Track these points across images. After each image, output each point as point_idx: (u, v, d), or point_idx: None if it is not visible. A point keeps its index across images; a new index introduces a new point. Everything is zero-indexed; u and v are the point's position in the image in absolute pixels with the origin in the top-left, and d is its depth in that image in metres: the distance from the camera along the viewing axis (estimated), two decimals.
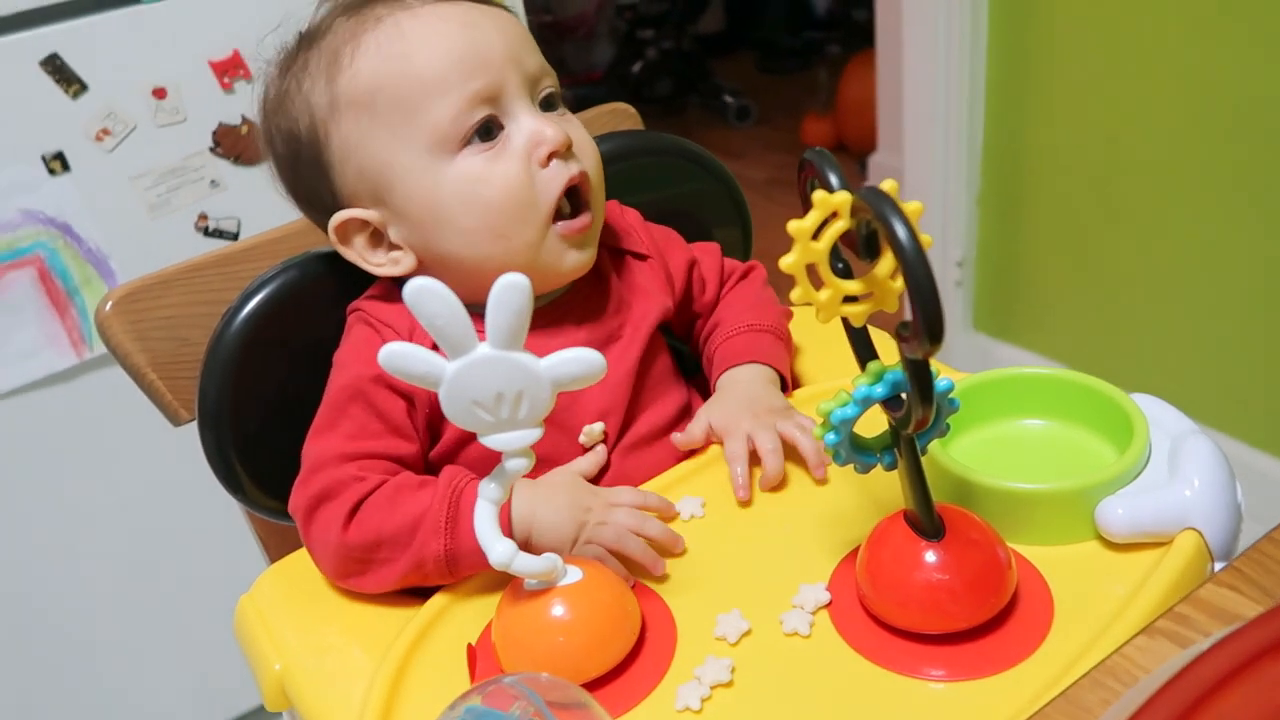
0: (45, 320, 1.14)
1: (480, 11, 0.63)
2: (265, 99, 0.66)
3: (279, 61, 0.66)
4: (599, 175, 0.66)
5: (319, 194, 0.65)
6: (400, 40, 0.61)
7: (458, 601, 0.59)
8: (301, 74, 0.63)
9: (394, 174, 0.62)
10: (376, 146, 0.62)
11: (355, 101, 0.61)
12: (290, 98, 0.64)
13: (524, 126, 0.62)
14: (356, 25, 0.62)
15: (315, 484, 0.61)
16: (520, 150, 0.61)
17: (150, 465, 1.22)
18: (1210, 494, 0.52)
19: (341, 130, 0.62)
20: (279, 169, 0.67)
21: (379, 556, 0.59)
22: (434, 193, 0.62)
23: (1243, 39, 1.25)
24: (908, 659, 0.50)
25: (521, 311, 0.46)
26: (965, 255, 1.75)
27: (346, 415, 0.62)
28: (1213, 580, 0.40)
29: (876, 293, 0.46)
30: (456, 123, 0.60)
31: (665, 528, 0.59)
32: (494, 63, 0.61)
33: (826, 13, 3.59)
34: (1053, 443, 0.61)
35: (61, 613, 1.25)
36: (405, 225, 0.64)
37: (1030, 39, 1.51)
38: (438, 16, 0.61)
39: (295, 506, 0.62)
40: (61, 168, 1.12)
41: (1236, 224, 1.35)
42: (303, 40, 0.64)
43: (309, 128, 0.63)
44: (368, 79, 0.61)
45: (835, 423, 0.49)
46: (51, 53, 1.09)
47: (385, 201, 0.63)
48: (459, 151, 0.61)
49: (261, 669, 0.58)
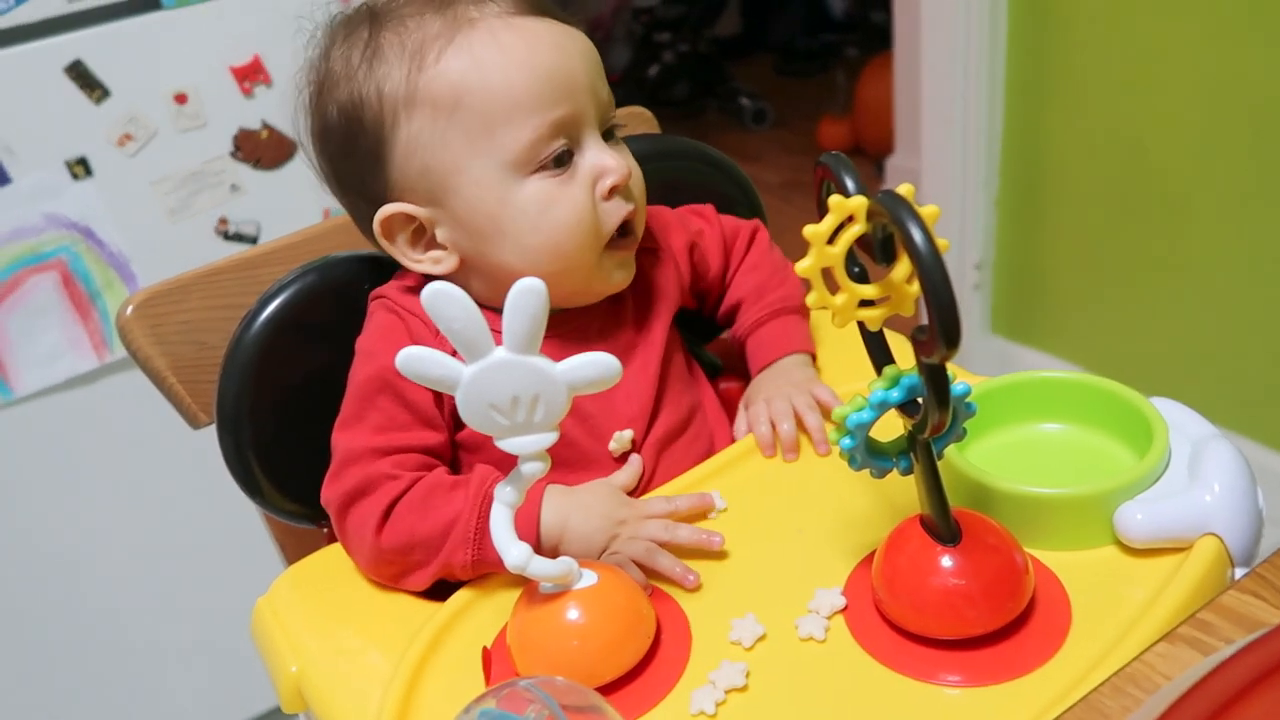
0: (68, 323, 1.16)
1: (566, 34, 0.62)
2: (318, 69, 0.64)
3: (338, 31, 0.63)
4: (643, 199, 0.67)
5: (366, 181, 0.64)
6: (495, 50, 0.59)
7: (474, 604, 0.59)
8: (374, 56, 0.61)
9: (461, 180, 0.61)
10: (448, 150, 0.61)
11: (436, 101, 0.60)
12: (355, 77, 0.61)
13: (591, 158, 0.62)
14: (449, 22, 0.60)
15: (348, 479, 0.61)
16: (587, 180, 0.62)
17: (170, 468, 1.23)
18: (1231, 499, 0.52)
19: (413, 125, 0.61)
20: (322, 145, 0.65)
21: (412, 559, 0.59)
22: (500, 207, 0.61)
23: (1263, 41, 1.24)
24: (924, 664, 0.50)
25: (538, 316, 0.46)
26: (983, 258, 1.74)
27: (374, 406, 0.62)
28: (1235, 587, 0.40)
29: (893, 297, 0.46)
30: (535, 147, 0.60)
31: (695, 531, 0.59)
32: (577, 91, 0.61)
33: (844, 15, 3.57)
34: (1071, 447, 0.60)
35: (81, 613, 1.26)
36: (458, 230, 0.63)
37: (1049, 41, 1.50)
38: (532, 33, 0.60)
39: (328, 501, 0.62)
40: (84, 172, 1.13)
41: (1256, 226, 1.33)
42: (373, 18, 0.62)
43: (375, 114, 0.61)
44: (455, 81, 0.59)
45: (851, 427, 0.49)
46: (75, 59, 1.10)
47: (442, 203, 0.63)
48: (531, 174, 0.61)
49: (278, 671, 0.59)
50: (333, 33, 0.64)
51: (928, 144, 1.74)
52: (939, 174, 1.72)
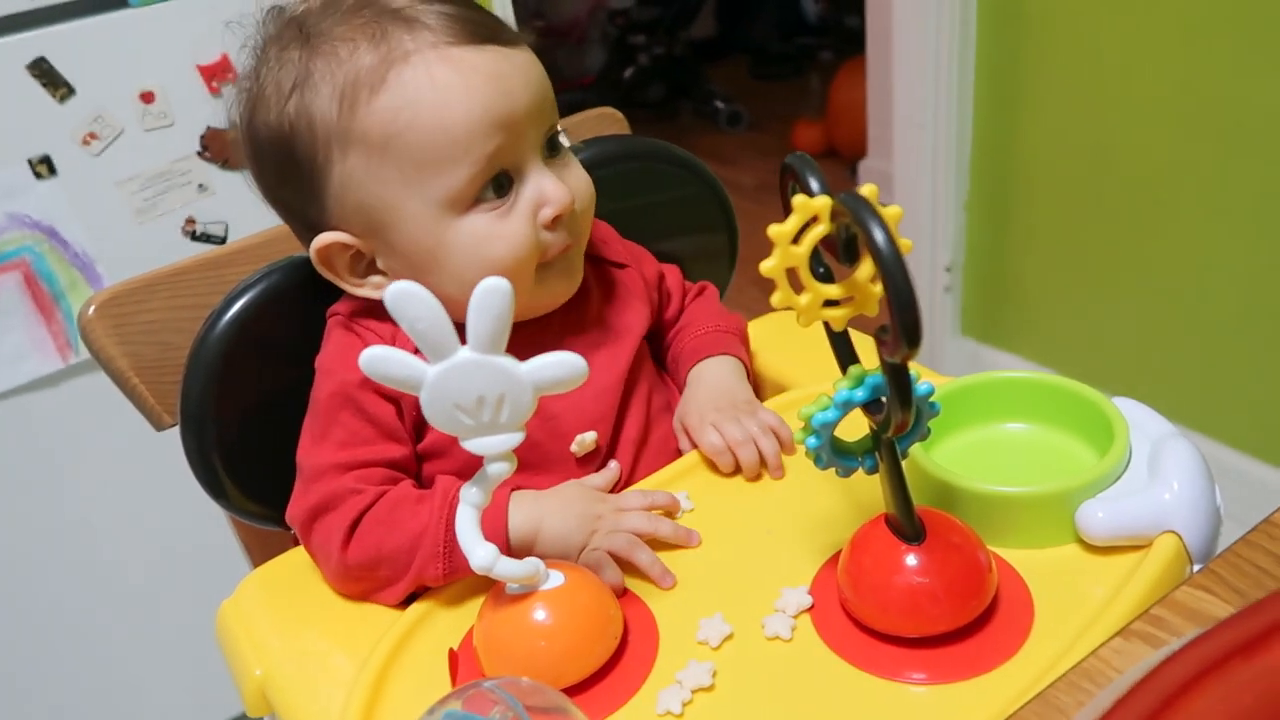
0: (31, 325, 1.14)
1: (505, 61, 0.60)
2: (249, 86, 0.62)
3: (269, 47, 0.61)
4: (590, 204, 0.66)
5: (302, 208, 0.63)
6: (428, 88, 0.57)
7: (440, 606, 0.59)
8: (304, 84, 0.59)
9: (397, 217, 0.60)
10: (383, 189, 0.59)
11: (369, 141, 0.58)
12: (287, 104, 0.59)
13: (532, 185, 0.61)
14: (382, 56, 0.57)
15: (313, 495, 0.60)
16: (527, 210, 0.61)
17: (137, 470, 1.22)
18: (1189, 497, 0.52)
19: (347, 163, 0.59)
20: (256, 166, 0.64)
21: (379, 575, 0.59)
22: (437, 243, 0.61)
23: (1231, 46, 1.26)
24: (889, 662, 0.50)
25: (502, 315, 0.46)
26: (954, 260, 1.76)
27: (337, 423, 0.62)
28: (1188, 583, 0.40)
29: (857, 297, 0.46)
30: (471, 185, 0.59)
31: (677, 526, 0.59)
32: (517, 121, 0.59)
33: (818, 19, 3.60)
34: (1034, 446, 0.61)
35: (49, 616, 1.24)
36: (397, 260, 0.63)
37: (1019, 45, 1.52)
38: (469, 66, 0.58)
39: (294, 517, 0.62)
40: (48, 171, 1.12)
41: (1220, 228, 1.35)
42: (304, 38, 0.60)
43: (307, 146, 0.60)
44: (387, 121, 0.58)
45: (816, 426, 0.49)
46: (39, 56, 1.09)
47: (379, 236, 0.62)
48: (469, 210, 0.60)
49: (242, 674, 0.58)
50: (264, 48, 0.62)
51: (899, 147, 1.76)
52: (910, 177, 1.74)
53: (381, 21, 0.58)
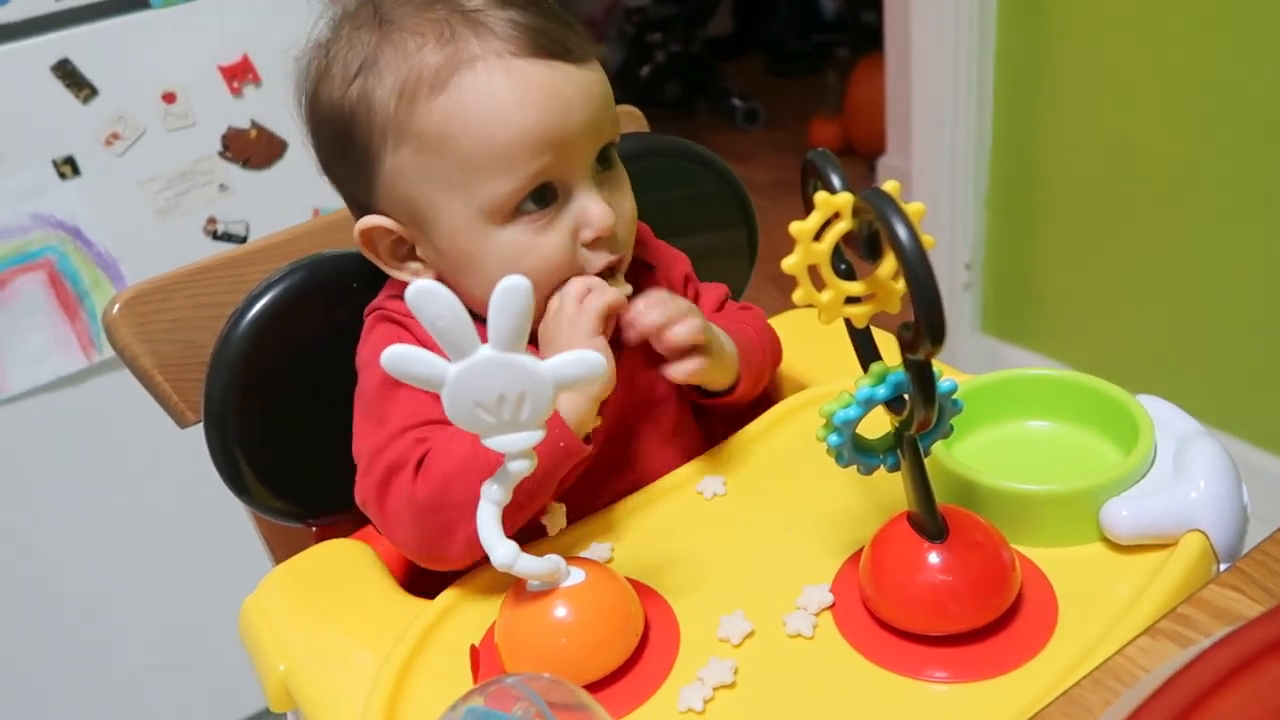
0: (55, 323, 1.15)
1: (567, 78, 0.59)
2: (318, 58, 0.62)
3: (342, 24, 0.61)
4: (633, 221, 0.65)
5: (354, 185, 0.64)
6: (486, 98, 0.57)
7: (461, 602, 0.59)
8: (369, 70, 0.59)
9: (439, 216, 0.61)
10: (429, 187, 0.60)
11: (423, 138, 0.59)
12: (350, 86, 0.60)
13: (577, 204, 0.61)
14: (447, 58, 0.58)
15: (381, 463, 0.59)
16: (567, 228, 0.61)
17: (160, 467, 1.23)
18: (1216, 495, 0.52)
19: (399, 156, 0.60)
20: (315, 137, 0.64)
21: (449, 501, 0.57)
22: (475, 248, 0.61)
23: (1252, 42, 1.25)
24: (911, 660, 0.50)
25: (523, 313, 0.46)
26: (973, 258, 1.75)
27: (394, 403, 0.61)
28: (1215, 581, 0.40)
29: (879, 294, 0.46)
30: (513, 197, 0.59)
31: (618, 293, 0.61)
32: (569, 140, 0.59)
33: (835, 16, 3.58)
34: (1058, 444, 0.60)
35: (71, 612, 1.26)
36: (436, 255, 0.63)
37: (1038, 41, 1.51)
38: (529, 81, 0.58)
39: (365, 495, 0.60)
40: (72, 172, 1.13)
41: (1244, 225, 1.34)
42: (379, 21, 0.60)
43: (364, 131, 0.60)
44: (441, 124, 0.58)
45: (838, 424, 0.49)
46: (62, 58, 1.10)
47: (422, 228, 0.62)
48: (510, 221, 0.60)
49: (266, 670, 0.58)
50: (339, 23, 0.62)
51: (918, 144, 1.75)
52: (929, 174, 1.73)
53: (453, 21, 0.58)
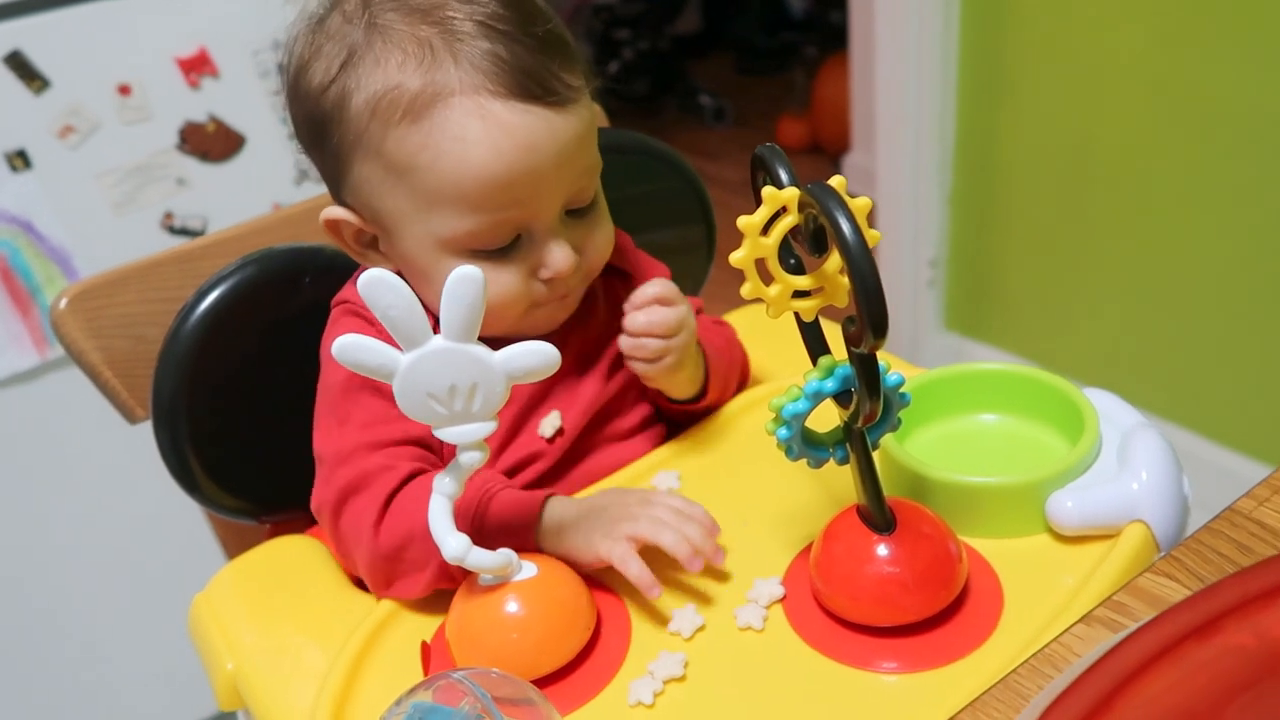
0: (7, 319, 1.13)
1: (547, 124, 0.57)
2: (303, 45, 0.60)
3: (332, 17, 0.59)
4: (605, 254, 0.64)
5: (327, 176, 0.63)
6: (456, 140, 0.56)
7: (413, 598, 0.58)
8: (350, 71, 0.57)
9: (401, 232, 0.60)
10: (392, 205, 0.59)
11: (391, 161, 0.58)
12: (329, 88, 0.58)
13: (540, 246, 0.60)
14: (425, 86, 0.56)
15: (343, 476, 0.59)
16: (525, 266, 0.60)
17: (114, 464, 1.21)
18: (1158, 486, 0.53)
19: (366, 168, 0.59)
20: (293, 120, 0.63)
21: (408, 557, 0.57)
22: (429, 268, 0.60)
23: (1213, 41, 1.27)
24: (860, 652, 0.51)
25: (475, 304, 0.46)
26: (937, 255, 1.76)
27: (357, 405, 0.61)
28: (1150, 570, 0.41)
29: (826, 287, 0.47)
30: (471, 239, 0.58)
31: (706, 533, 0.55)
32: (538, 194, 0.58)
33: (803, 14, 3.60)
34: (1006, 437, 0.61)
35: (25, 612, 1.24)
36: (394, 255, 0.62)
37: (1001, 40, 1.52)
38: (503, 128, 0.56)
39: (320, 504, 0.60)
40: (24, 165, 1.11)
41: (1202, 223, 1.36)
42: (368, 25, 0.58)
43: (338, 134, 0.59)
44: (411, 153, 0.57)
45: (787, 417, 0.49)
46: (14, 49, 1.08)
47: (383, 231, 0.62)
48: (466, 254, 0.59)
49: (214, 668, 0.58)
50: (332, 8, 0.60)
51: (882, 142, 1.76)
52: (893, 171, 1.74)
53: (436, 45, 0.56)
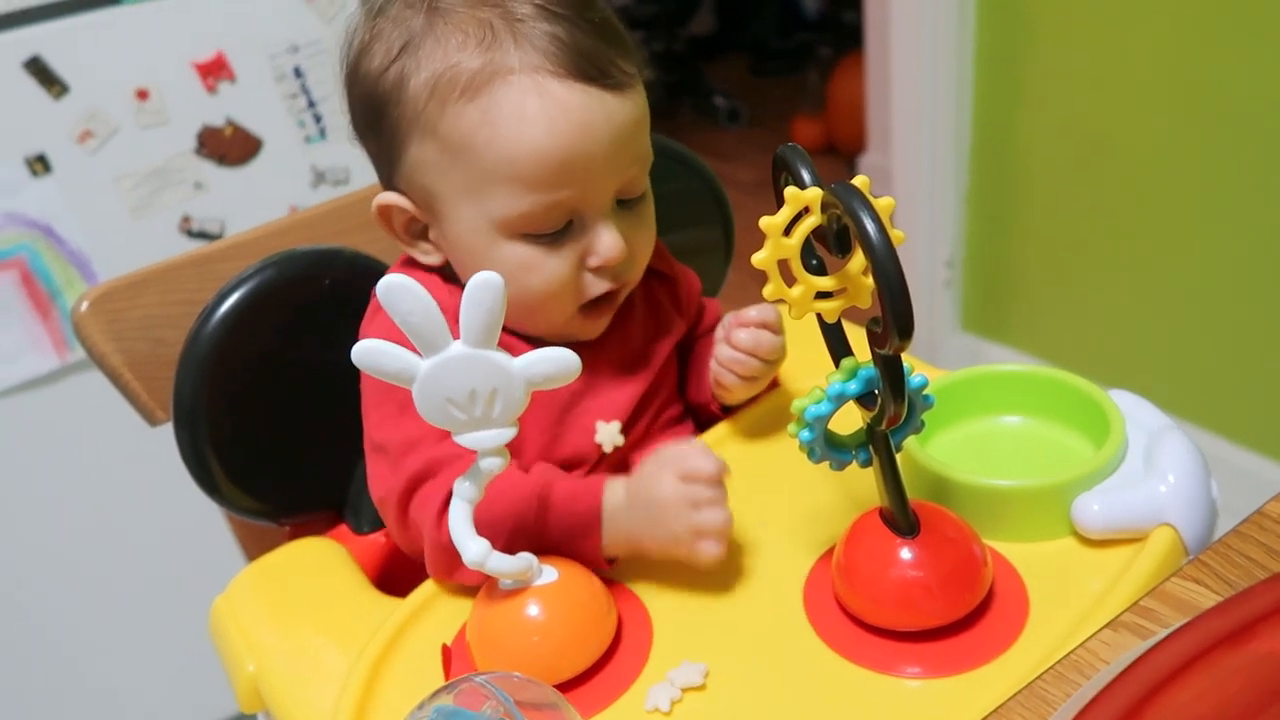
0: (28, 322, 1.14)
1: (603, 106, 0.57)
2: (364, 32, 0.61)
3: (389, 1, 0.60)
4: (648, 251, 0.65)
5: (380, 161, 0.63)
6: (514, 117, 0.56)
7: (434, 601, 0.58)
8: (409, 58, 0.58)
9: (452, 214, 0.60)
10: (447, 186, 0.59)
11: (448, 140, 0.58)
12: (388, 70, 0.59)
13: (591, 231, 0.60)
14: (484, 65, 0.56)
15: (412, 463, 0.58)
16: (575, 252, 0.60)
17: (133, 466, 1.22)
18: (1185, 489, 0.52)
19: (423, 149, 0.59)
20: (350, 105, 0.63)
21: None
22: (482, 253, 0.60)
23: (1231, 38, 1.26)
24: (884, 657, 0.50)
25: (494, 310, 0.46)
26: (954, 255, 1.75)
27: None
28: (1178, 574, 0.40)
29: (849, 288, 0.46)
30: (525, 220, 0.58)
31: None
32: (592, 174, 0.58)
33: (817, 15, 3.59)
34: (1030, 439, 0.60)
35: (44, 613, 1.24)
36: (445, 242, 0.62)
37: (1017, 39, 1.51)
38: (560, 106, 0.56)
39: (388, 493, 0.59)
40: (44, 169, 1.12)
41: (1222, 221, 1.35)
42: (429, 8, 0.58)
43: (395, 116, 0.59)
44: (466, 132, 0.57)
45: (809, 419, 0.49)
46: (33, 55, 1.08)
47: (435, 217, 0.62)
48: (519, 237, 0.59)
49: (235, 670, 0.58)
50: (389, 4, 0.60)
51: (898, 142, 1.75)
52: (910, 172, 1.73)
53: (497, 26, 0.57)
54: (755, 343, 0.65)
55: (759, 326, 0.65)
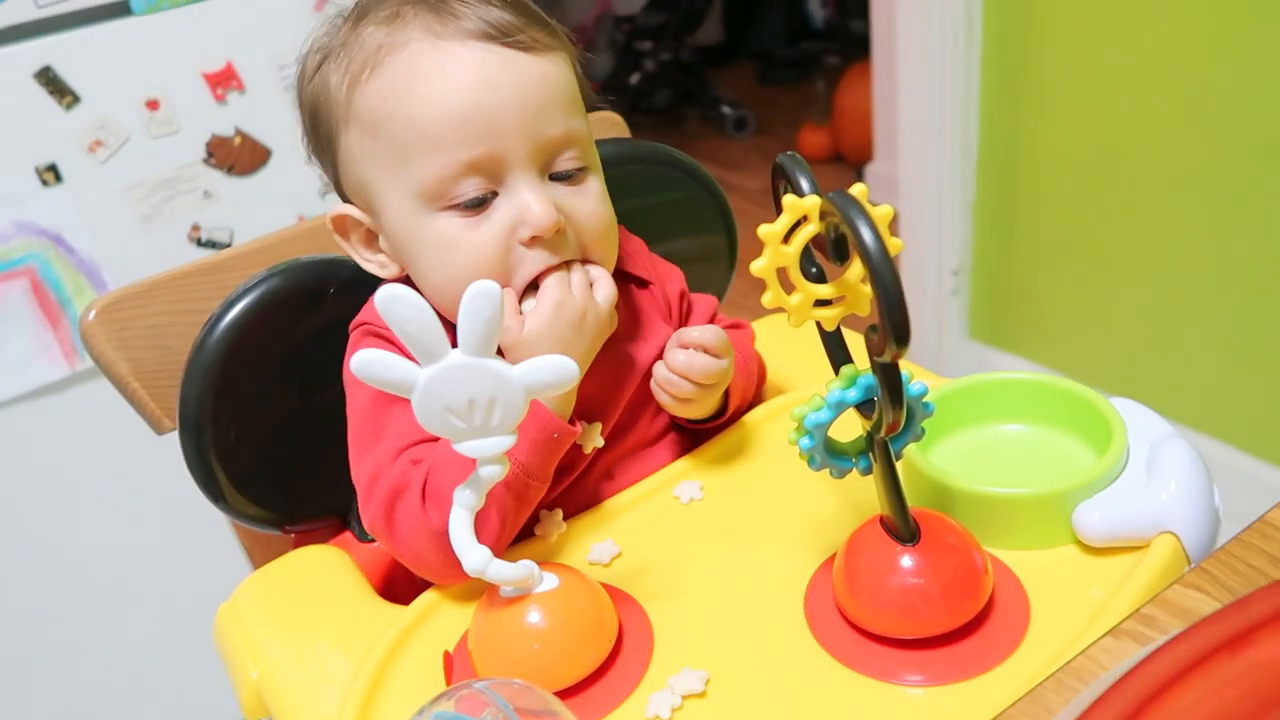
0: (37, 331, 1.15)
1: (504, 66, 0.57)
2: (307, 54, 0.63)
3: (332, 21, 0.62)
4: (607, 241, 0.63)
5: (329, 174, 0.65)
6: (414, 79, 0.57)
7: (436, 608, 0.59)
8: (333, 55, 0.60)
9: (383, 202, 0.61)
10: (373, 170, 0.60)
11: (363, 120, 0.59)
12: (317, 72, 0.61)
13: (515, 200, 0.58)
14: (386, 38, 0.58)
15: (382, 488, 0.59)
16: (502, 225, 0.59)
17: (140, 474, 1.22)
18: (1187, 497, 0.52)
19: (349, 137, 0.61)
20: (302, 129, 0.66)
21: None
22: (412, 237, 0.60)
23: (1237, 49, 1.26)
24: (885, 665, 0.50)
25: (492, 319, 0.46)
26: (960, 264, 1.75)
27: (389, 419, 0.61)
28: (1180, 581, 0.40)
29: (848, 296, 0.46)
30: (442, 184, 0.58)
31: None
32: (499, 132, 0.57)
33: (824, 24, 3.60)
34: (1032, 447, 0.60)
35: (51, 619, 1.25)
36: (388, 242, 0.63)
37: (1024, 48, 1.52)
38: (459, 63, 0.57)
39: (373, 521, 0.59)
40: (54, 179, 1.13)
41: (1225, 231, 1.35)
42: (358, 11, 0.61)
43: (326, 117, 0.61)
44: (377, 104, 0.58)
45: (809, 427, 0.49)
46: (45, 65, 1.09)
47: (376, 215, 0.63)
48: (442, 210, 0.59)
49: (239, 677, 0.58)
50: (329, 23, 0.63)
51: (905, 151, 1.75)
52: (916, 181, 1.73)
53: (405, 11, 0.59)
54: (689, 365, 0.63)
55: (697, 348, 0.63)
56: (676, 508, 0.64)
